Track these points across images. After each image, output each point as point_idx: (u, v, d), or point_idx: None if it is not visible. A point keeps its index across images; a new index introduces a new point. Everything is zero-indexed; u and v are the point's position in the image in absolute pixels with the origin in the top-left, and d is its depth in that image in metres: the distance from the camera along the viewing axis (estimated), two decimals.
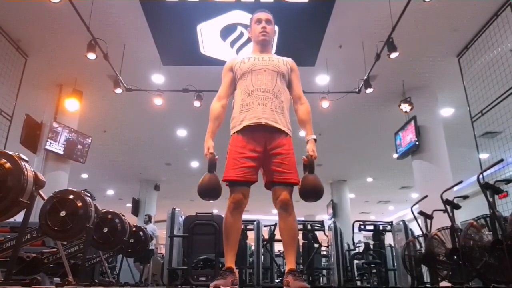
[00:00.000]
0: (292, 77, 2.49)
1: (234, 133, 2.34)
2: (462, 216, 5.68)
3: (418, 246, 5.13)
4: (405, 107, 6.88)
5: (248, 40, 5.61)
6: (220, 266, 4.87)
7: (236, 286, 2.19)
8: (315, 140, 2.37)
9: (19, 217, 2.74)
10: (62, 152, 7.12)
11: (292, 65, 2.52)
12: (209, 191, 2.26)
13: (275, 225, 5.88)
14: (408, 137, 7.26)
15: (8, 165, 2.42)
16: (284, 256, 7.66)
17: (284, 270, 2.35)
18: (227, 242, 2.26)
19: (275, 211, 2.36)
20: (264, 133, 2.27)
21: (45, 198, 3.11)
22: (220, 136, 2.48)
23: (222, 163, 2.35)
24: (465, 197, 4.46)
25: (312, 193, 2.26)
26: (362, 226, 6.39)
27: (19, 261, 3.40)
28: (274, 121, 2.27)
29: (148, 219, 10.52)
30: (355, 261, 6.98)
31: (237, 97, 2.41)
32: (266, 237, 6.11)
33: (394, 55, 5.27)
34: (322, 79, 7.05)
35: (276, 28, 5.41)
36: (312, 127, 2.43)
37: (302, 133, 2.50)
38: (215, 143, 2.37)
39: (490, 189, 3.48)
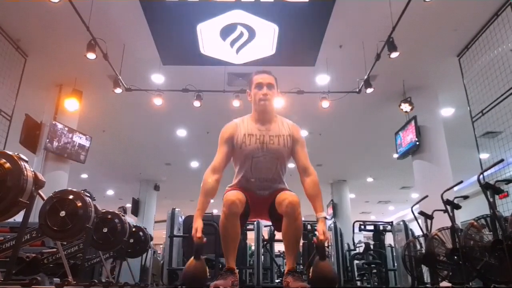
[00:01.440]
0: (296, 148, 2.35)
1: (231, 186, 2.39)
2: (463, 216, 5.67)
3: (418, 246, 5.13)
4: (405, 107, 6.87)
5: (248, 40, 5.63)
6: (220, 266, 4.87)
7: (236, 287, 2.19)
8: (325, 218, 2.23)
9: (18, 217, 2.74)
10: (62, 153, 7.11)
11: (295, 135, 2.36)
12: (194, 280, 2.13)
13: None
14: (408, 137, 7.26)
15: (7, 165, 2.41)
16: (284, 256, 7.67)
17: (284, 270, 2.33)
18: (226, 246, 2.23)
19: None
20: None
21: (45, 198, 3.10)
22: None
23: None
24: (466, 197, 4.45)
25: (325, 282, 2.11)
26: (362, 226, 6.39)
27: (18, 261, 3.40)
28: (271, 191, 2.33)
29: (124, 212, 10.45)
30: (355, 261, 6.98)
31: (235, 168, 2.40)
32: (266, 237, 6.11)
33: (394, 55, 5.26)
34: (322, 79, 7.04)
35: (276, 28, 5.43)
36: (322, 204, 2.29)
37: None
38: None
39: (491, 189, 3.47)
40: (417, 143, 6.90)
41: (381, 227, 6.28)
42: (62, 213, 3.06)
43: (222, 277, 2.16)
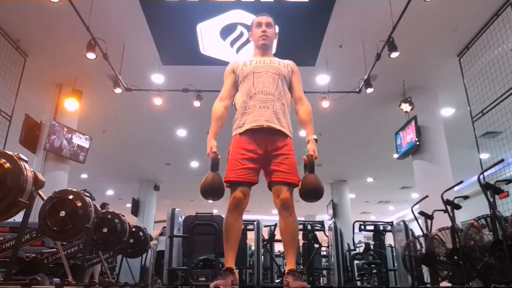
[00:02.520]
0: (293, 79, 2.51)
1: (235, 135, 2.37)
2: (463, 216, 5.66)
3: (418, 246, 5.13)
4: (406, 107, 6.87)
5: (248, 40, 5.62)
6: (220, 266, 4.87)
7: (236, 286, 2.19)
8: (315, 140, 2.38)
9: (18, 217, 2.73)
10: (62, 153, 7.11)
11: (293, 68, 2.54)
12: (212, 191, 2.25)
13: (275, 225, 5.88)
14: (408, 137, 7.26)
15: (7, 165, 2.41)
16: (284, 256, 7.67)
17: (284, 271, 2.34)
18: (227, 242, 2.25)
19: (275, 211, 2.36)
20: (265, 135, 2.30)
21: (45, 198, 3.10)
22: (221, 137, 2.47)
23: (223, 164, 2.35)
24: (466, 197, 4.45)
25: (312, 193, 2.26)
26: (362, 226, 6.39)
27: (18, 261, 3.39)
28: (275, 124, 2.30)
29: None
30: (356, 261, 6.98)
31: (238, 99, 2.45)
32: (266, 237, 6.10)
33: (394, 54, 5.26)
34: (322, 79, 7.04)
35: (277, 29, 5.42)
36: (313, 128, 2.44)
37: (302, 133, 2.50)
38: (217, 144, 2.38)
39: (491, 189, 3.47)
40: (417, 143, 6.90)
41: (381, 227, 6.28)
42: (62, 213, 3.05)
43: (222, 276, 2.17)
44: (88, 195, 3.37)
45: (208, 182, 2.24)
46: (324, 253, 8.20)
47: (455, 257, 3.97)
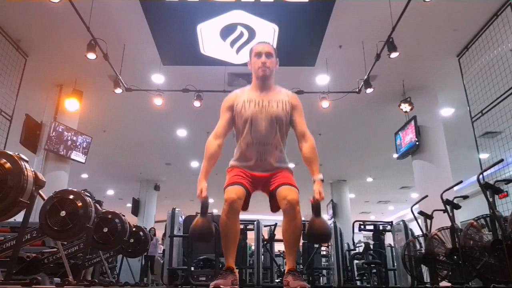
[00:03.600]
0: (294, 114, 2.39)
1: (230, 167, 2.39)
2: (462, 216, 5.68)
3: (418, 246, 5.13)
4: (405, 107, 6.88)
5: (248, 40, 5.63)
6: (220, 266, 4.88)
7: (236, 286, 2.19)
8: (322, 180, 2.28)
9: (19, 217, 2.74)
10: (62, 153, 7.11)
11: (293, 102, 2.41)
12: (201, 237, 2.25)
13: (275, 225, 5.89)
14: (408, 137, 7.26)
15: (8, 165, 2.42)
16: (284, 256, 7.66)
17: (284, 270, 2.35)
18: (226, 243, 2.24)
19: None
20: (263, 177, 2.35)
21: (45, 198, 3.11)
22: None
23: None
24: (465, 197, 4.45)
25: (319, 237, 2.31)
26: (362, 226, 6.38)
27: (19, 261, 3.40)
28: (271, 171, 2.33)
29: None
30: (355, 261, 6.98)
31: (236, 137, 2.42)
32: (266, 237, 6.11)
33: (394, 55, 5.27)
34: (322, 79, 7.05)
35: (276, 28, 5.44)
36: (318, 167, 2.34)
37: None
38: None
39: (490, 189, 3.47)
40: (417, 143, 6.91)
41: (380, 227, 6.28)
42: (63, 213, 3.06)
43: (222, 276, 2.17)
44: (89, 195, 3.38)
45: (197, 227, 2.22)
46: (324, 252, 8.20)
47: (455, 256, 3.98)
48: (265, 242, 5.96)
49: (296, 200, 2.18)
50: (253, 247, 5.76)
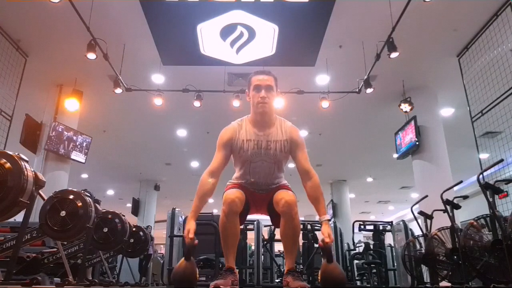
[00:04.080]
0: (296, 152, 2.32)
1: (229, 183, 2.41)
2: (462, 216, 5.67)
3: (418, 246, 5.13)
4: (405, 107, 6.88)
5: (248, 40, 5.63)
6: (220, 266, 4.88)
7: (236, 286, 2.19)
8: (329, 220, 2.22)
9: (19, 217, 2.74)
10: (62, 153, 7.12)
11: (294, 138, 2.32)
12: (183, 281, 2.10)
13: None
14: (408, 137, 7.26)
15: (8, 165, 2.42)
16: (284, 256, 7.65)
17: (284, 270, 2.33)
18: (225, 244, 2.23)
19: None
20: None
21: (45, 198, 3.11)
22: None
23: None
24: (465, 197, 4.45)
25: (334, 285, 2.12)
26: (362, 226, 6.39)
27: (19, 261, 3.40)
28: (270, 190, 2.36)
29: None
30: (355, 261, 6.98)
31: (235, 169, 2.44)
32: (266, 237, 6.11)
33: (394, 55, 5.26)
34: (322, 79, 7.05)
35: (276, 28, 5.44)
36: (325, 206, 2.29)
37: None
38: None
39: (490, 189, 3.47)
40: (417, 143, 6.91)
41: (380, 227, 6.28)
42: (63, 213, 3.06)
43: (222, 276, 2.17)
44: (89, 195, 3.37)
45: (180, 271, 2.11)
46: None
47: (455, 256, 3.97)
48: (265, 242, 5.96)
49: (294, 201, 2.16)
50: (253, 247, 5.76)
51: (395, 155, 8.20)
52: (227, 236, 2.20)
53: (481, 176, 3.62)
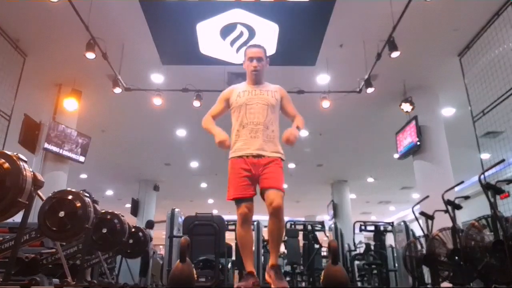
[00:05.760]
0: (284, 103, 2.85)
1: (231, 157, 2.69)
2: (464, 217, 5.66)
3: (419, 247, 5.12)
4: (406, 107, 6.86)
5: (248, 39, 5.62)
6: (220, 266, 4.86)
7: (258, 287, 2.41)
8: (298, 128, 2.75)
9: (17, 218, 2.72)
10: (61, 153, 7.10)
11: (281, 93, 2.85)
12: (180, 282, 2.30)
13: None
14: (409, 137, 7.25)
15: (6, 165, 2.39)
16: (284, 257, 7.64)
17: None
18: (243, 252, 2.58)
19: None
20: (257, 159, 2.61)
21: (44, 198, 3.09)
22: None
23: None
24: (467, 198, 4.44)
25: (336, 286, 2.33)
26: (363, 227, 6.38)
27: (18, 262, 3.38)
28: (264, 151, 2.61)
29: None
30: (356, 262, 6.97)
31: (233, 125, 2.76)
32: (266, 237, 6.09)
33: (395, 54, 5.25)
34: (323, 79, 7.03)
35: (276, 27, 5.41)
36: (302, 122, 2.81)
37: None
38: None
39: (492, 190, 3.46)
40: (418, 143, 6.89)
41: (381, 228, 6.28)
42: (61, 214, 3.04)
43: (244, 279, 2.48)
44: (88, 195, 3.35)
45: (177, 274, 2.31)
46: (325, 253, 8.18)
47: (456, 257, 3.96)
48: (265, 243, 5.95)
49: (280, 205, 2.45)
50: (253, 248, 5.75)
51: (396, 155, 8.18)
52: (245, 245, 2.57)
53: (482, 176, 3.60)
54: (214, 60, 6.07)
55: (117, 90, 6.41)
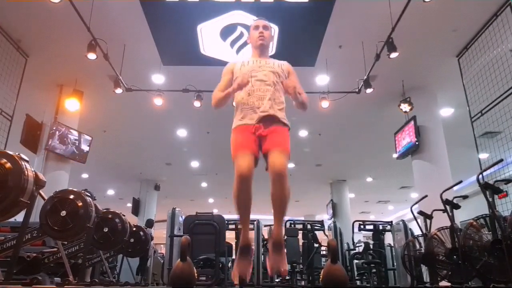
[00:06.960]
0: (291, 79, 2.59)
1: (236, 126, 2.47)
2: (462, 216, 5.69)
3: (417, 246, 5.14)
4: (405, 107, 6.88)
5: (247, 42, 5.64)
6: (220, 265, 4.89)
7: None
8: (300, 94, 2.50)
9: (19, 217, 2.75)
10: (62, 153, 7.13)
11: (288, 68, 2.64)
12: (181, 281, 2.17)
13: None
14: (407, 137, 7.27)
15: (8, 165, 2.43)
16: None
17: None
18: (240, 212, 2.33)
19: None
20: (263, 121, 2.39)
21: (46, 198, 3.12)
22: (220, 134, 2.48)
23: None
24: (465, 197, 4.47)
25: (335, 285, 2.15)
26: (362, 226, 6.40)
27: (19, 261, 3.41)
28: (271, 110, 2.39)
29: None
30: (355, 261, 6.99)
31: (237, 96, 2.52)
32: (266, 236, 6.12)
33: (394, 55, 5.27)
34: (322, 79, 7.05)
35: (276, 28, 5.44)
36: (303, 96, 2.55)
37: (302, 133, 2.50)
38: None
39: (490, 189, 3.49)
40: (417, 143, 6.92)
41: (380, 227, 6.29)
42: (63, 213, 3.07)
43: (241, 257, 2.32)
44: (89, 195, 3.38)
45: (177, 273, 2.18)
46: (324, 252, 8.21)
47: (454, 256, 3.99)
48: (265, 242, 5.97)
49: (284, 169, 2.24)
50: (253, 247, 5.77)
51: (395, 155, 8.20)
52: (240, 204, 2.30)
53: (480, 176, 3.63)
54: (215, 60, 6.09)
55: (118, 90, 6.43)
